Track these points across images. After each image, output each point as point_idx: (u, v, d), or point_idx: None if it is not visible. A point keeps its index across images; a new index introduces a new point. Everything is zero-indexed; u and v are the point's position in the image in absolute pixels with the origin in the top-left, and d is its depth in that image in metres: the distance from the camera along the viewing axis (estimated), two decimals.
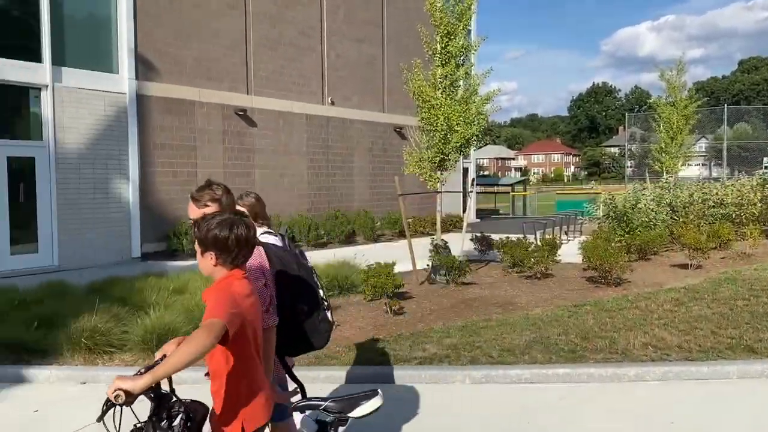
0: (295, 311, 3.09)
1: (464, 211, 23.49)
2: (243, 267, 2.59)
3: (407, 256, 11.15)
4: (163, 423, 2.40)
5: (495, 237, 13.55)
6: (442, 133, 11.08)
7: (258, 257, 2.98)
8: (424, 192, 15.52)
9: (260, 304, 2.69)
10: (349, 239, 18.48)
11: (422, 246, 12.28)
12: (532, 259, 11.21)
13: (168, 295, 8.33)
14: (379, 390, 2.79)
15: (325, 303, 3.22)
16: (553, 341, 7.01)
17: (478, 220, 27.40)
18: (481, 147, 14.40)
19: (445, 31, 11.27)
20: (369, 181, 21.54)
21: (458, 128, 11.01)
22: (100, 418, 2.23)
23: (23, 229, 13.14)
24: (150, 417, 2.42)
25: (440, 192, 11.84)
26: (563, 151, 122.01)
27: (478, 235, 13.64)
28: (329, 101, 19.89)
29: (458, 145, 11.14)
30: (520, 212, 35.18)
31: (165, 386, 2.43)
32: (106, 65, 14.55)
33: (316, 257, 12.88)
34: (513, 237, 12.92)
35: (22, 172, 13.12)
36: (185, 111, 15.97)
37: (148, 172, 15.19)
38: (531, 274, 11.40)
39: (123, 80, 14.66)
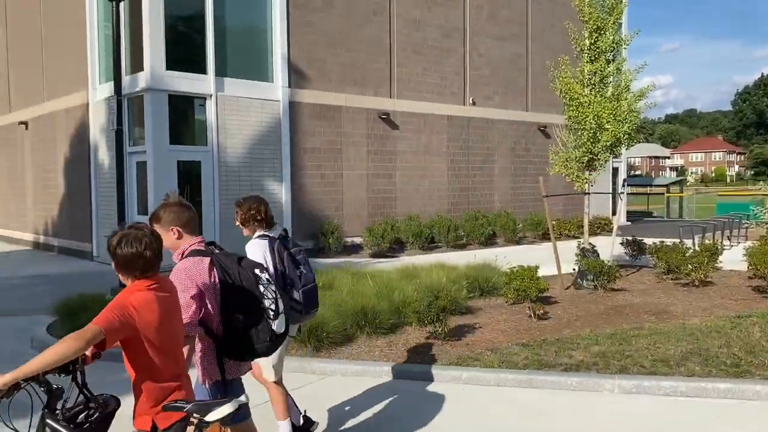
0: (231, 320, 3.24)
1: (614, 213, 22.39)
2: (150, 277, 2.70)
3: (551, 259, 10.85)
4: (57, 414, 2.52)
5: (647, 241, 12.79)
6: (591, 131, 10.66)
7: (197, 269, 3.19)
8: (571, 193, 15.02)
9: (181, 312, 2.89)
10: (489, 241, 18.31)
11: (567, 249, 11.89)
12: (690, 266, 10.45)
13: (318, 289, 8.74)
14: (236, 399, 2.77)
15: (271, 313, 3.29)
16: (713, 354, 6.51)
17: (629, 223, 25.97)
18: (632, 146, 13.67)
19: (595, 27, 10.84)
20: (510, 181, 21.19)
21: (608, 126, 10.54)
22: None
23: None
24: (43, 408, 2.52)
25: (588, 193, 11.39)
26: (726, 148, 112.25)
27: (629, 238, 12.95)
28: (470, 101, 19.83)
29: (608, 144, 10.66)
30: (676, 215, 32.86)
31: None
32: (262, 75, 15.58)
33: (456, 258, 12.93)
34: (668, 241, 12.12)
35: (189, 175, 14.42)
36: (332, 116, 16.68)
37: (299, 175, 16.05)
38: (688, 282, 10.64)
39: (277, 88, 15.61)
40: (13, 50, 19.59)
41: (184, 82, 14.12)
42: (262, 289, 3.32)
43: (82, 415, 2.61)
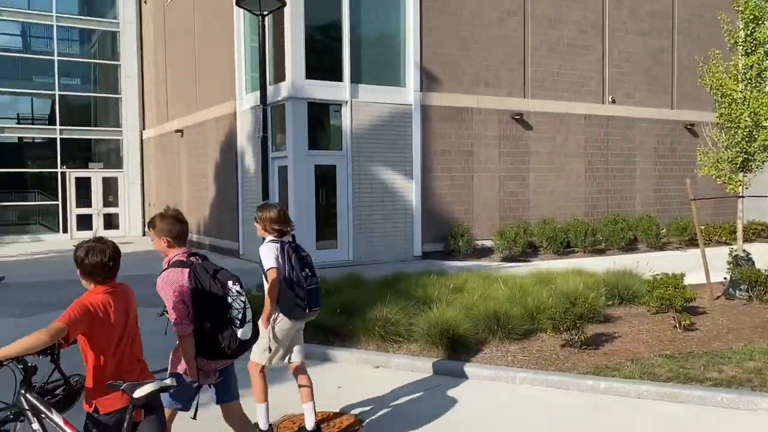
0: (200, 326, 3.70)
1: None
2: (107, 283, 3.21)
3: (698, 266, 10.12)
4: (32, 386, 3.10)
5: None
6: (746, 130, 9.83)
7: (177, 279, 3.67)
8: (721, 197, 13.92)
9: (136, 314, 3.40)
10: (629, 246, 17.39)
11: (717, 257, 11.02)
12: None
13: (448, 292, 8.80)
14: (159, 380, 3.14)
15: (237, 322, 3.72)
16: None
17: None
18: None
19: (752, 17, 9.98)
20: (653, 183, 19.99)
21: (767, 124, 9.66)
22: None
23: (326, 228, 15.05)
24: (21, 382, 3.09)
25: (742, 197, 10.50)
26: None
27: None
28: (610, 100, 18.96)
29: (766, 143, 9.78)
30: None
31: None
32: (395, 80, 15.89)
33: (593, 264, 12.41)
34: None
35: (325, 178, 15.03)
36: (463, 118, 16.65)
37: (429, 177, 16.18)
38: None
39: (409, 93, 15.86)
40: (172, 66, 21.45)
41: (322, 90, 14.74)
42: (230, 300, 3.72)
43: (54, 389, 3.21)
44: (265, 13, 9.87)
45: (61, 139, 23.04)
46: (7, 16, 22.53)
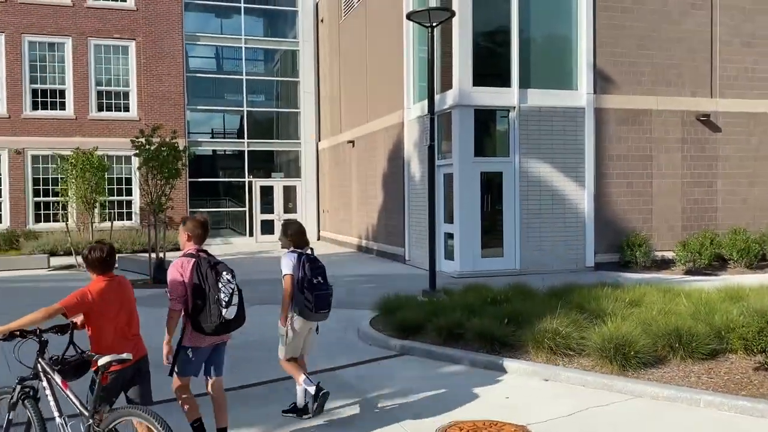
0: (195, 304, 4.62)
1: None
2: (105, 274, 4.19)
3: None
4: (46, 358, 4.02)
5: None
6: None
7: (183, 265, 4.67)
8: None
9: (133, 299, 4.36)
10: None
11: None
12: None
13: (624, 306, 8.30)
14: (116, 355, 3.88)
15: (223, 303, 4.58)
16: None
17: None
18: None
19: None
20: None
21: None
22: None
23: (491, 235, 14.91)
24: (36, 351, 4.03)
25: None
26: None
27: None
28: None
29: None
30: None
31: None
32: (565, 82, 15.36)
33: None
34: None
35: (491, 184, 14.91)
36: (641, 121, 15.65)
37: (602, 184, 15.40)
38: None
39: (581, 95, 15.24)
40: (345, 80, 22.58)
41: (489, 96, 14.66)
42: (220, 285, 4.61)
43: (67, 360, 4.03)
44: (434, 24, 10.04)
45: (248, 151, 25.22)
46: (204, 41, 25.14)
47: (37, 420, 4.02)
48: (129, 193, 22.90)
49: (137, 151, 15.34)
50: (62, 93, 22.41)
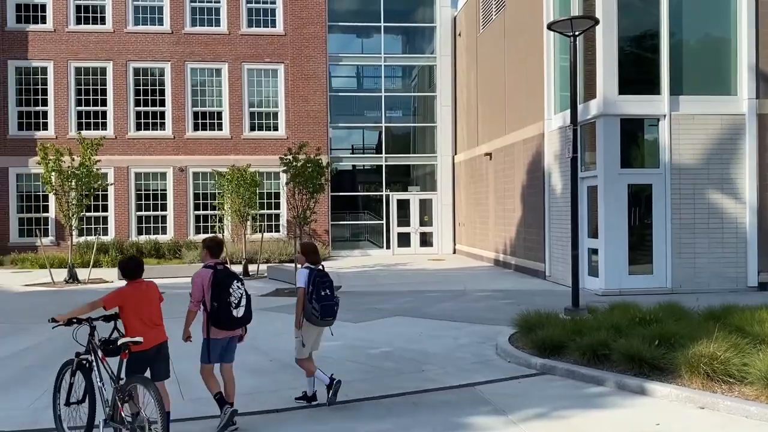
0: (212, 304, 5.76)
1: None
2: (135, 280, 5.51)
3: None
4: (95, 339, 5.38)
5: None
6: None
7: (203, 275, 5.84)
8: None
9: (157, 300, 5.63)
10: None
11: None
12: None
13: None
14: (130, 338, 5.22)
15: (233, 304, 5.77)
16: None
17: None
18: None
19: None
20: None
21: None
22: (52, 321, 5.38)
23: (639, 251, 14.10)
24: (89, 334, 5.39)
25: None
26: None
27: None
28: None
29: None
30: None
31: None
32: (722, 88, 14.25)
33: None
34: None
35: (638, 198, 14.12)
36: None
37: (766, 196, 14.05)
38: None
39: (741, 101, 14.06)
40: (482, 92, 22.51)
41: (636, 105, 13.95)
42: (231, 290, 5.80)
43: (111, 341, 5.27)
44: (576, 33, 9.77)
45: (386, 165, 25.85)
46: (346, 61, 26.21)
47: (87, 384, 5.40)
48: (277, 206, 24.30)
49: (285, 168, 16.28)
50: (219, 115, 24.33)
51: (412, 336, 9.99)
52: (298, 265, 6.69)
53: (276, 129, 24.55)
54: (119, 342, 5.16)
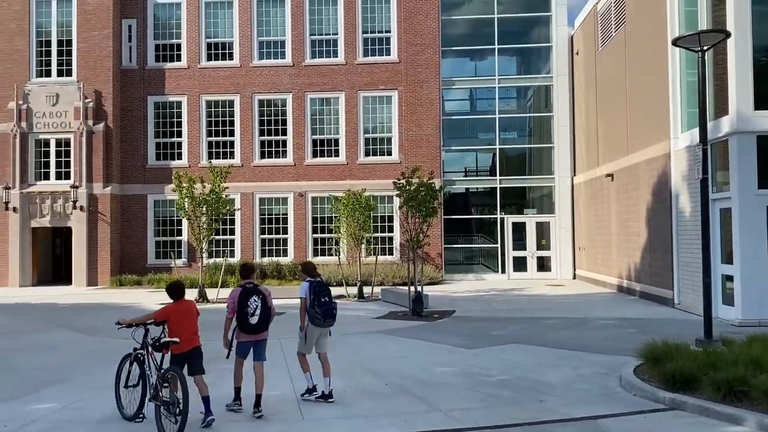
0: (237, 314, 7.43)
1: None
2: (178, 300, 7.17)
3: None
4: (147, 339, 7.14)
5: None
6: None
7: (235, 292, 7.50)
8: None
9: (196, 314, 7.31)
10: None
11: None
12: None
13: None
14: (169, 339, 6.98)
15: (250, 313, 7.40)
16: None
17: None
18: None
19: None
20: None
21: None
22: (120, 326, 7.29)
23: None
24: (143, 335, 7.18)
25: None
26: None
27: None
28: None
29: None
30: None
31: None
32: None
33: None
34: None
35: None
36: None
37: None
38: None
39: None
40: (602, 111, 21.72)
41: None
42: (249, 303, 7.39)
43: (159, 342, 6.86)
44: (705, 48, 9.22)
45: (500, 188, 25.50)
46: (459, 84, 26.29)
47: (140, 372, 7.19)
48: (391, 230, 24.63)
49: (398, 192, 16.49)
50: (336, 142, 25.16)
51: (530, 364, 9.70)
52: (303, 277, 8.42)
53: (390, 154, 24.99)
54: (162, 341, 6.91)
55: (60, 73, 24.84)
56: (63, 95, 24.51)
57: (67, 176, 24.45)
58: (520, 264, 25.20)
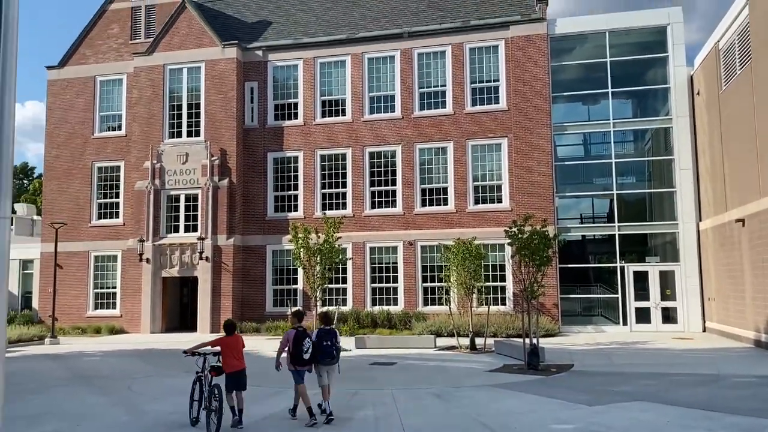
0: (292, 351, 9.71)
1: None
2: (230, 334, 9.78)
3: None
4: (206, 364, 9.71)
5: None
6: None
7: (288, 334, 9.80)
8: None
9: (242, 346, 9.90)
10: None
11: None
12: None
13: None
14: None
15: (304, 351, 9.57)
16: None
17: None
18: None
19: None
20: None
21: None
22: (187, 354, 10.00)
23: None
24: (203, 362, 9.73)
25: None
26: None
27: None
28: None
29: None
30: None
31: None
32: None
33: None
34: None
35: None
36: None
37: None
38: None
39: None
40: (728, 153, 20.38)
41: None
42: (303, 343, 9.56)
43: (214, 366, 9.52)
44: None
45: (619, 234, 24.36)
46: (571, 129, 25.69)
47: (199, 390, 9.51)
48: (502, 279, 24.12)
49: (510, 241, 16.19)
50: (445, 190, 25.26)
51: (657, 425, 9.00)
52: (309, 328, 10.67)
53: (500, 201, 24.71)
54: (212, 365, 9.47)
55: (189, 134, 26.94)
56: (192, 154, 26.49)
57: (195, 229, 26.17)
58: (642, 315, 23.73)
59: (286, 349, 9.74)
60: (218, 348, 9.62)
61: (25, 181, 63.11)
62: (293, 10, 29.51)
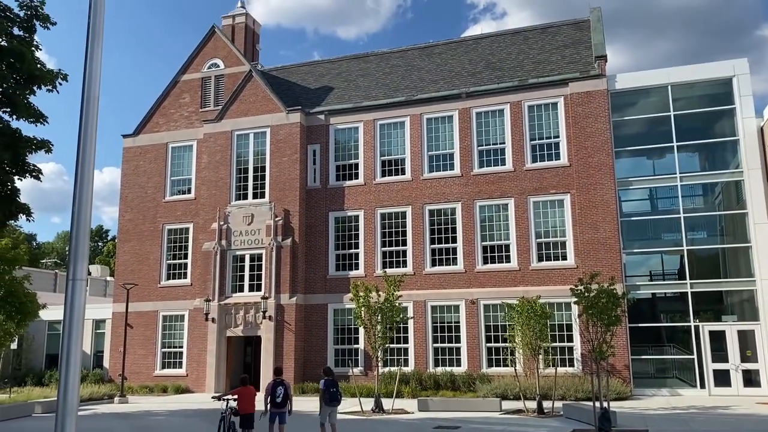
0: (269, 398, 13.22)
1: None
2: (245, 385, 13.45)
3: None
4: (228, 406, 13.44)
5: None
6: None
7: (270, 385, 13.30)
8: None
9: (254, 395, 13.60)
10: None
11: None
12: None
13: None
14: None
15: (277, 399, 13.04)
16: None
17: None
18: None
19: None
20: None
21: None
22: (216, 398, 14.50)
23: None
24: (226, 406, 13.45)
25: None
26: None
27: None
28: None
29: None
30: None
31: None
32: None
33: None
34: None
35: None
36: None
37: None
38: None
39: None
40: None
41: None
42: (276, 392, 13.06)
43: (234, 408, 13.34)
44: None
45: (691, 292, 23.30)
46: (636, 184, 25.12)
47: (224, 425, 12.95)
48: (569, 339, 23.32)
49: (577, 299, 15.74)
50: (507, 247, 24.94)
51: None
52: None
53: (564, 258, 24.16)
54: (233, 407, 12.77)
55: (255, 196, 27.80)
56: (257, 215, 27.25)
57: (258, 288, 26.64)
58: (721, 378, 22.37)
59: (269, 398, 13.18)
60: (236, 396, 13.17)
61: (99, 243, 66.10)
62: (354, 75, 30.52)
